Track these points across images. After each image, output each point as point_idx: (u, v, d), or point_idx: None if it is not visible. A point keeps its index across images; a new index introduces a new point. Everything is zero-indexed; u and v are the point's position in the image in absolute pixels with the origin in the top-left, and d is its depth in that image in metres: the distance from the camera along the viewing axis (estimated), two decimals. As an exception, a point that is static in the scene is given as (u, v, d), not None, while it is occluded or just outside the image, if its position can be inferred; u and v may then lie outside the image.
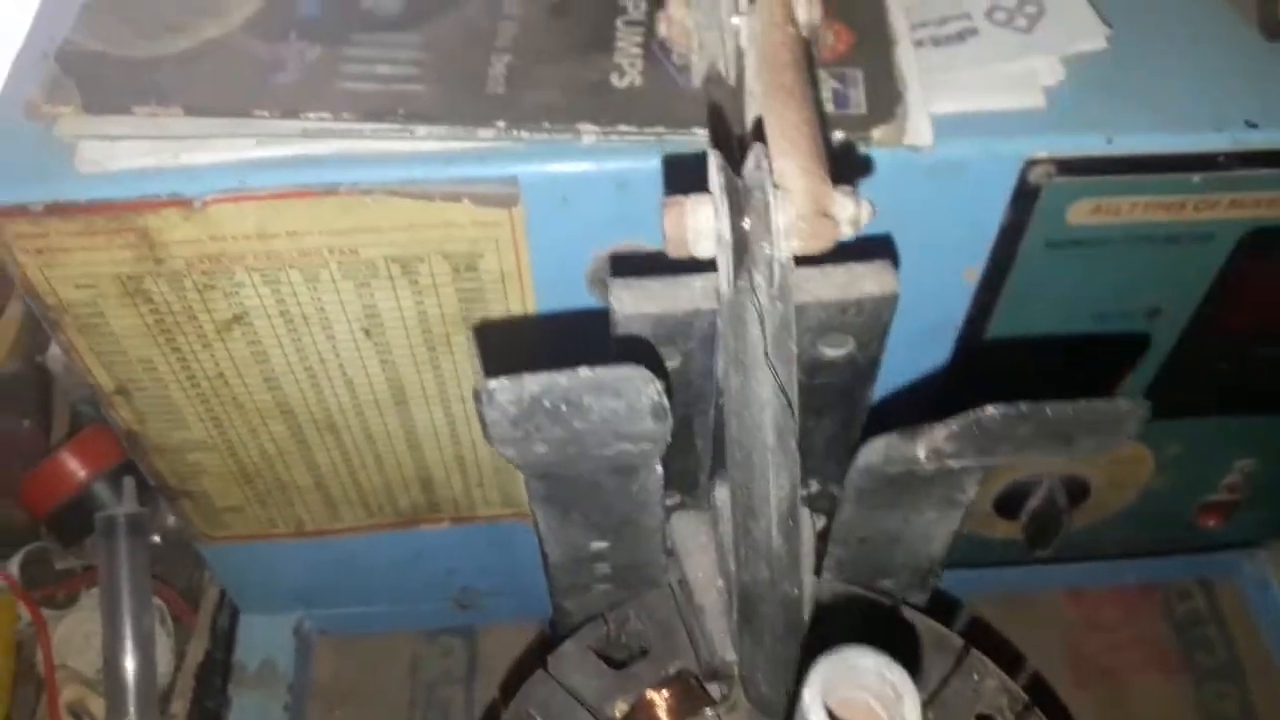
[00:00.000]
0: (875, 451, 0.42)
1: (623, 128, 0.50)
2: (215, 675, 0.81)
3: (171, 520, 0.80)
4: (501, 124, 0.50)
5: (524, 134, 0.50)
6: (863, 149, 0.51)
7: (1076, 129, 0.53)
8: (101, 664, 0.75)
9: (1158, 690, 0.90)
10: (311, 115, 0.50)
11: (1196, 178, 0.54)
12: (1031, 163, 0.53)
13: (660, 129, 0.50)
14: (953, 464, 0.39)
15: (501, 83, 0.52)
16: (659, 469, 0.41)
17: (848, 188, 0.34)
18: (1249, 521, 0.84)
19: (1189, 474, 0.78)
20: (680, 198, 0.33)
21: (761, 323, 0.34)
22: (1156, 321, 0.64)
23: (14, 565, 0.79)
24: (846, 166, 0.51)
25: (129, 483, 0.75)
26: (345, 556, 0.75)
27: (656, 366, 0.41)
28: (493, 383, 0.32)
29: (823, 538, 0.52)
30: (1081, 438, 0.38)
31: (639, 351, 0.41)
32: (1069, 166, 0.53)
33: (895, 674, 0.30)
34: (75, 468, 0.78)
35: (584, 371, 0.32)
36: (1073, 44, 0.57)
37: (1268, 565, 0.90)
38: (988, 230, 0.56)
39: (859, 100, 0.52)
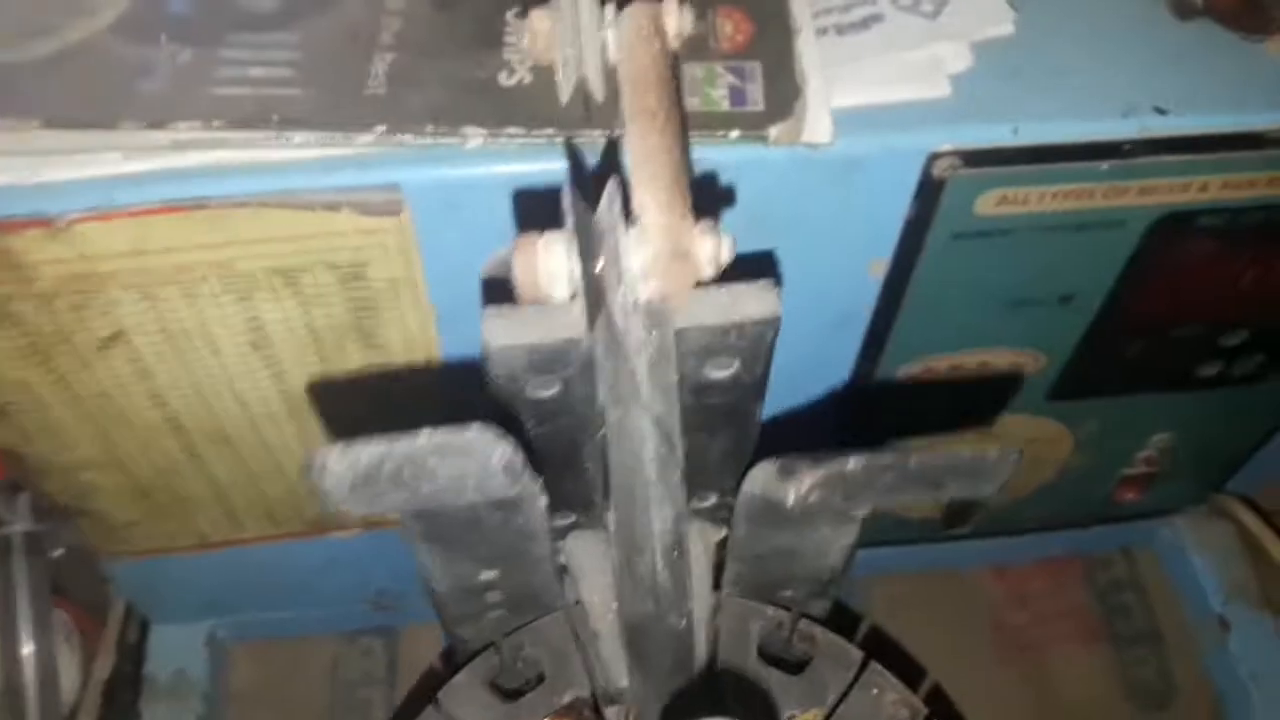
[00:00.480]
0: (756, 483, 0.40)
1: (510, 130, 0.48)
2: (125, 689, 0.78)
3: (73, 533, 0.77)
4: (382, 128, 0.47)
5: (406, 138, 0.48)
6: (760, 148, 0.49)
7: (981, 119, 0.52)
8: (2, 686, 0.72)
9: (1081, 660, 0.91)
10: (181, 125, 0.47)
11: (1105, 165, 0.54)
12: (935, 156, 0.52)
13: (550, 130, 0.48)
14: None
15: (383, 83, 0.49)
16: (542, 500, 0.39)
17: (708, 223, 0.32)
18: (1166, 492, 0.85)
19: (1107, 450, 0.78)
20: (532, 237, 0.32)
21: (632, 364, 0.32)
22: (1070, 307, 0.63)
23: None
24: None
25: (23, 499, 0.72)
26: (254, 565, 0.73)
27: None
28: (321, 454, 0.30)
29: (723, 547, 0.51)
30: (950, 484, 0.37)
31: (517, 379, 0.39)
32: (974, 158, 0.52)
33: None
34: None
35: (425, 436, 0.31)
36: (979, 29, 0.55)
37: (1184, 532, 0.91)
38: (892, 224, 0.55)
39: (756, 97, 0.50)
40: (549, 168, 0.48)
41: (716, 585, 0.50)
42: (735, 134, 0.49)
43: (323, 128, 0.48)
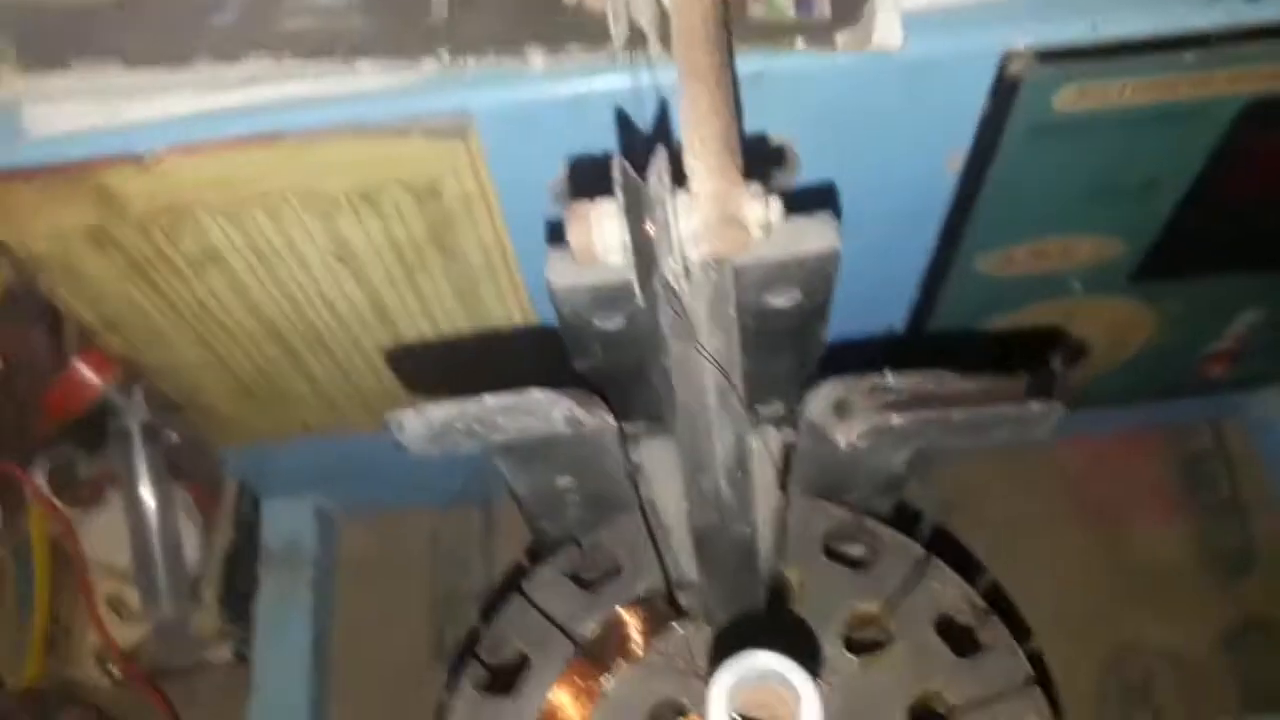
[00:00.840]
0: (814, 411, 0.42)
1: (572, 47, 0.48)
2: (243, 559, 0.85)
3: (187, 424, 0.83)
4: (446, 54, 0.48)
5: (470, 62, 0.48)
6: (829, 55, 0.49)
7: (1057, 15, 0.50)
8: (132, 558, 0.79)
9: (1159, 529, 0.92)
10: (252, 59, 0.48)
11: (1189, 56, 0.51)
12: (1009, 55, 0.50)
13: (611, 48, 0.48)
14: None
15: (445, 8, 0.49)
16: (611, 422, 0.41)
17: (758, 187, 0.33)
18: (1254, 366, 0.84)
19: (1193, 328, 0.77)
20: (585, 206, 0.33)
21: (688, 308, 0.34)
22: (1153, 192, 0.62)
23: (40, 473, 0.83)
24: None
25: (139, 393, 0.78)
26: (355, 449, 0.77)
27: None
28: (399, 416, 0.33)
29: (791, 450, 0.53)
30: (997, 432, 0.38)
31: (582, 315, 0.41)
32: (1050, 56, 0.50)
33: (797, 678, 0.31)
34: (90, 377, 0.80)
35: (490, 400, 0.33)
36: (1058, -88, 0.52)
37: (1273, 403, 0.90)
38: (968, 121, 0.54)
39: (823, 2, 0.49)
40: (611, 84, 0.49)
41: (783, 485, 0.52)
42: (801, 42, 0.48)
43: (388, 55, 0.48)
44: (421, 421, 0.33)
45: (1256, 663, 0.87)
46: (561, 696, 0.48)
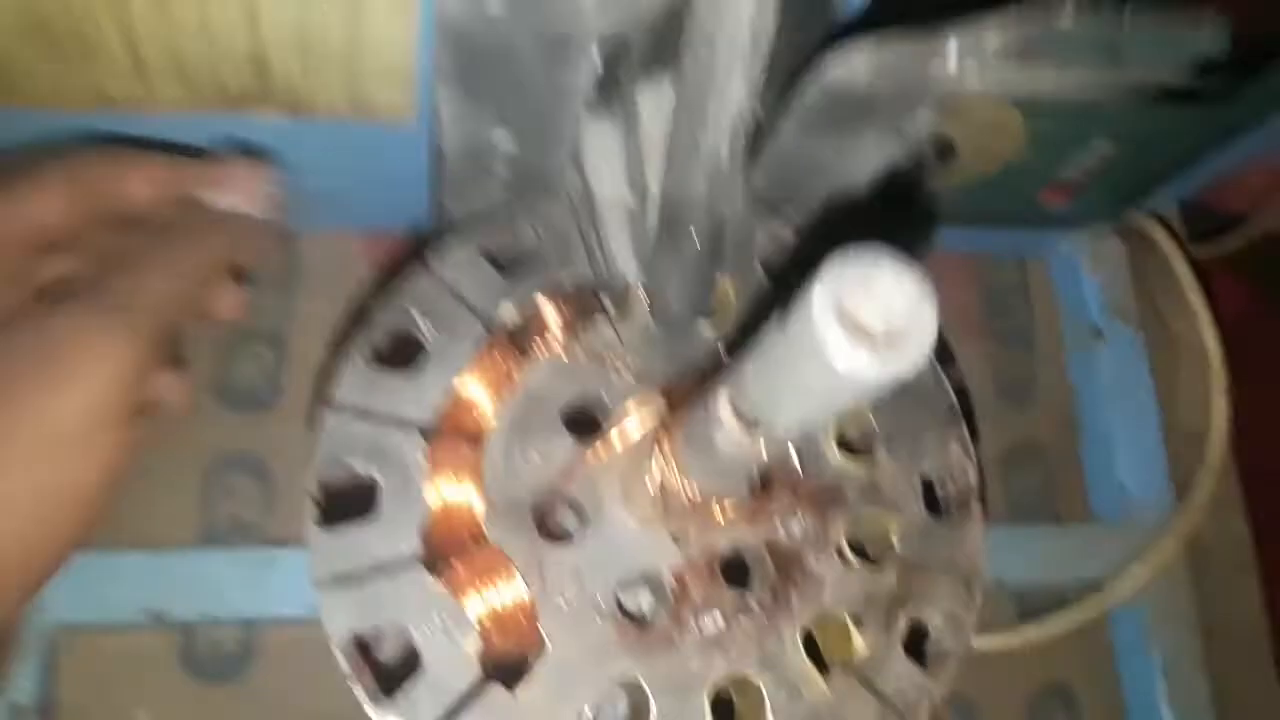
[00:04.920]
0: (851, 68, 0.37)
1: None
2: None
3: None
4: None
5: None
6: None
7: None
8: None
9: (960, 351, 0.95)
10: None
11: None
12: None
13: None
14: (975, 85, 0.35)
15: None
16: (594, 52, 0.35)
17: None
18: (1085, 204, 0.87)
19: (1053, 150, 0.78)
20: None
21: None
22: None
23: None
24: None
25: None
26: (160, 134, 0.66)
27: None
28: None
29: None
30: (1135, 57, 0.35)
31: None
32: None
33: (910, 281, 0.27)
34: None
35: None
36: None
37: (1082, 246, 0.95)
38: None
39: None
40: None
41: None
42: None
43: None
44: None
45: (1021, 481, 0.94)
46: (470, 382, 0.42)
